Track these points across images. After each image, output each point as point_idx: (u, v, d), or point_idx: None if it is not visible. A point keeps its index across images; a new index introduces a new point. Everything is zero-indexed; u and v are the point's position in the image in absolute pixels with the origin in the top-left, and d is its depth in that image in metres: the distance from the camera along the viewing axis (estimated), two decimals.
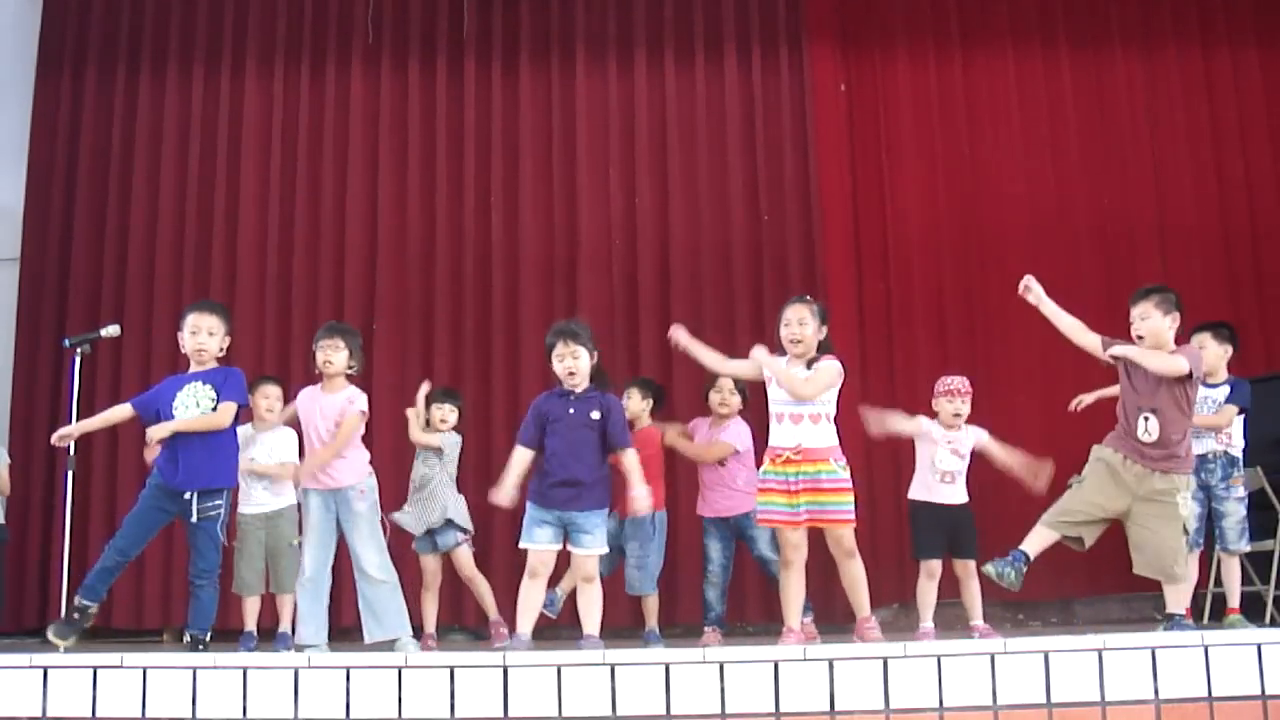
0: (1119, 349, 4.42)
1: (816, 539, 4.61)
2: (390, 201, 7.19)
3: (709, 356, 4.89)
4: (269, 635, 5.55)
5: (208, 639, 4.72)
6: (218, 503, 4.70)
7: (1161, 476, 4.32)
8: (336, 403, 4.72)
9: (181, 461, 4.63)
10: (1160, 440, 4.31)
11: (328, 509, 4.66)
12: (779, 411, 4.58)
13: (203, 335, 4.77)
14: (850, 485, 4.56)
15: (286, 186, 7.23)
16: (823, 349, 4.65)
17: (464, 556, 5.59)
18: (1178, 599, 4.42)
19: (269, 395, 5.56)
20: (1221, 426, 5.22)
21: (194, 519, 4.62)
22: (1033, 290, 4.60)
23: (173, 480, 4.64)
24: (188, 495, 4.63)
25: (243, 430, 5.49)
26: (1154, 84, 7.35)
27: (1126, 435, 4.38)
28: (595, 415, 4.52)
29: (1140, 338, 4.44)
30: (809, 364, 4.61)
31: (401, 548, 5.37)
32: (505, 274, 7.09)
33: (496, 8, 7.40)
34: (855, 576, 4.58)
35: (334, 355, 4.75)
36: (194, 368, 4.78)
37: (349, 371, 4.81)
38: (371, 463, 4.88)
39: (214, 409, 4.67)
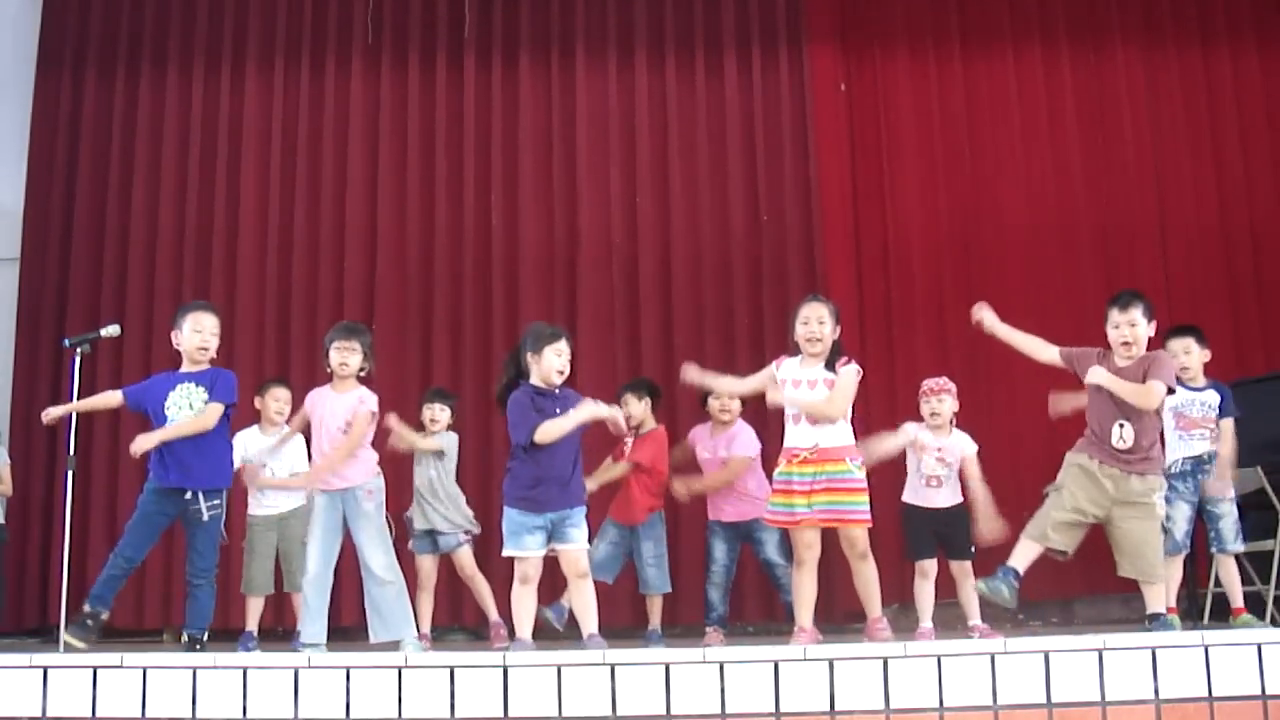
0: (1094, 377, 4.41)
1: (826, 540, 4.61)
2: (390, 201, 7.18)
3: (723, 382, 5.02)
4: (267, 635, 5.55)
5: (205, 638, 4.72)
6: (218, 502, 4.74)
7: (1139, 479, 4.37)
8: (348, 403, 4.71)
9: (177, 462, 4.66)
10: (1134, 446, 4.36)
11: (334, 508, 4.65)
12: (796, 412, 4.58)
13: (206, 335, 4.80)
14: (865, 485, 4.57)
15: (286, 186, 7.23)
16: (834, 349, 4.63)
17: (466, 556, 5.58)
18: (1158, 598, 4.45)
19: (279, 398, 5.56)
20: (1225, 451, 5.17)
21: (204, 517, 4.66)
22: (985, 318, 4.67)
23: (166, 481, 4.67)
24: (189, 494, 4.66)
25: (249, 434, 5.49)
26: (1154, 84, 7.33)
27: (1100, 442, 4.41)
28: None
29: (1127, 344, 4.44)
30: (827, 364, 4.60)
31: (402, 548, 5.36)
32: (505, 274, 7.09)
33: (496, 8, 7.40)
34: (868, 578, 4.59)
35: (350, 358, 4.73)
36: (189, 367, 4.80)
37: (360, 373, 4.80)
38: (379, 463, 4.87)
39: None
